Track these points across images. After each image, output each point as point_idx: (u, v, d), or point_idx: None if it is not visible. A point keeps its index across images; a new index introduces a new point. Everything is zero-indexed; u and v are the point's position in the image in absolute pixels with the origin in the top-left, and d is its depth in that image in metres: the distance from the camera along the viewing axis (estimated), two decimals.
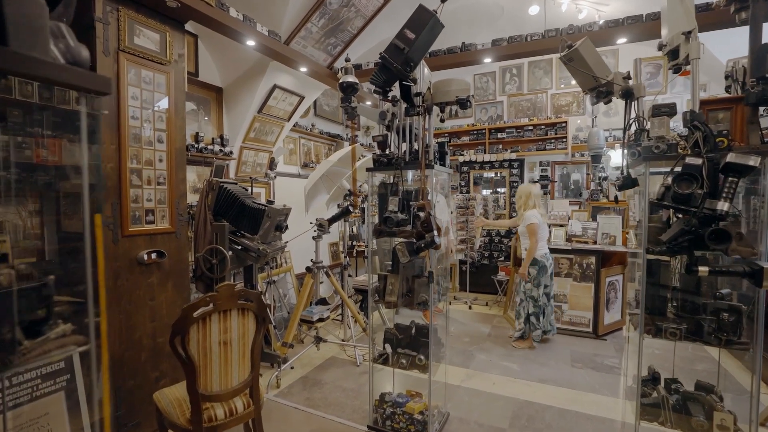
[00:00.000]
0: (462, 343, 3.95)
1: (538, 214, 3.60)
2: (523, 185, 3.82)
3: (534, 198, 3.67)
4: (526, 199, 3.67)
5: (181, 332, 1.68)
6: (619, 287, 4.23)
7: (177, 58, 2.49)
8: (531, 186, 3.75)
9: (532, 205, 3.65)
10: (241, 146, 3.81)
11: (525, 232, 3.63)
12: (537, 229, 3.53)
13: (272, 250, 3.03)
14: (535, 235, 3.54)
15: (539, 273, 3.61)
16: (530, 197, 3.66)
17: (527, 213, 3.61)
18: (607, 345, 3.89)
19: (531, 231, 3.55)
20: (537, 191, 3.72)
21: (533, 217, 3.55)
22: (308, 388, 3.08)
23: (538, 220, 3.55)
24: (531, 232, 3.55)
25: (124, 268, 2.21)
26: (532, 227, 3.53)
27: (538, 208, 3.65)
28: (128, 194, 2.22)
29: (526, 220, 3.58)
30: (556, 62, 5.58)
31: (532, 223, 3.53)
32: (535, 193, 3.69)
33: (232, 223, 3.07)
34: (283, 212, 3.09)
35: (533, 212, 3.59)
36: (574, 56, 2.01)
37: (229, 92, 3.69)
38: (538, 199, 3.69)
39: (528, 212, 3.61)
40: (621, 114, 5.26)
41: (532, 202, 3.65)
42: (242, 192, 3.19)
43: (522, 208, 3.70)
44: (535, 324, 3.70)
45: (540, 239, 3.58)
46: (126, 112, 2.18)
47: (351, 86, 2.44)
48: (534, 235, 3.54)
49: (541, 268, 3.62)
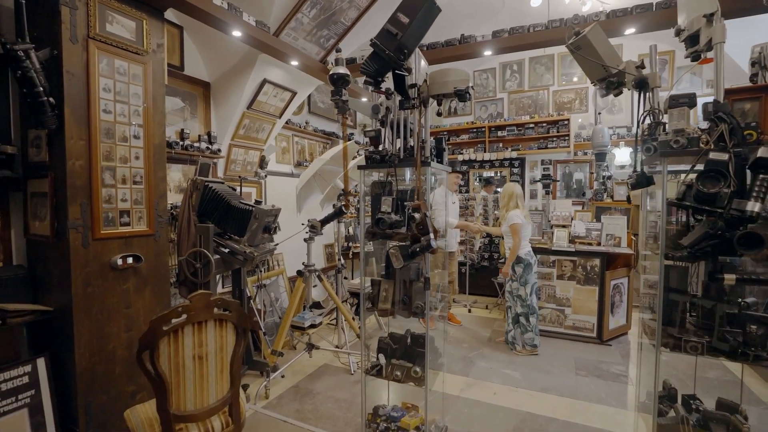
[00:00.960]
0: (461, 349, 3.79)
1: (520, 213, 3.56)
2: (506, 185, 3.79)
3: (516, 198, 3.63)
4: (508, 199, 3.66)
5: (150, 347, 1.52)
6: (624, 290, 4.07)
7: (155, 48, 2.33)
8: (513, 186, 3.72)
9: (514, 206, 3.62)
10: (230, 144, 3.65)
11: (508, 232, 3.61)
12: (519, 228, 3.51)
13: (260, 253, 2.87)
14: (517, 234, 3.51)
15: (525, 271, 3.55)
16: (512, 197, 3.64)
17: (510, 213, 3.59)
18: (612, 351, 3.73)
19: (514, 231, 3.53)
20: (519, 191, 3.69)
21: (516, 217, 3.53)
22: (299, 398, 2.92)
23: (520, 220, 3.53)
24: (514, 231, 3.53)
25: (95, 274, 2.05)
26: (515, 227, 3.52)
27: (521, 209, 3.61)
28: (100, 194, 2.05)
29: (508, 220, 3.58)
30: (558, 58, 5.43)
31: (515, 224, 3.52)
32: (517, 193, 3.66)
33: (218, 224, 2.91)
34: (272, 213, 2.92)
35: (516, 212, 3.57)
36: (582, 44, 1.85)
37: (217, 87, 3.53)
38: (521, 199, 3.66)
39: (510, 212, 3.59)
40: (625, 111, 5.11)
41: (514, 203, 3.63)
42: (229, 192, 3.02)
43: (504, 209, 3.69)
44: (525, 325, 3.59)
45: (523, 238, 3.55)
46: (97, 105, 2.02)
47: (342, 78, 2.27)
48: (516, 235, 3.51)
49: (526, 266, 3.56)
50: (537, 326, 3.64)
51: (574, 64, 5.37)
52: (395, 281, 2.21)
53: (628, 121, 5.00)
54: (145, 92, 2.26)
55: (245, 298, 3.33)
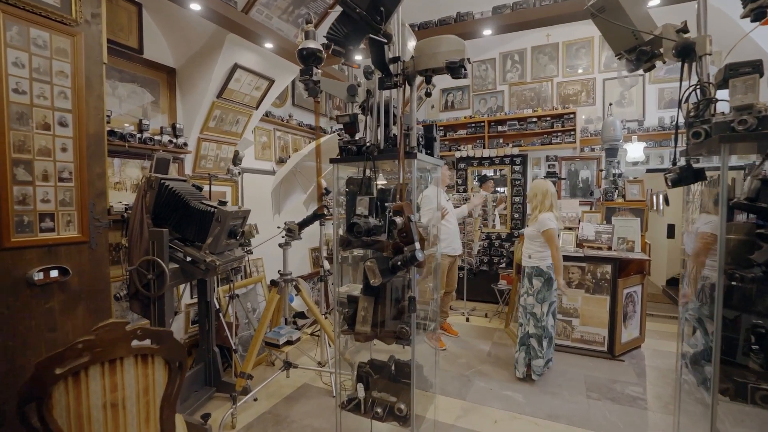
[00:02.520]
0: (457, 366, 3.41)
1: (554, 217, 3.01)
2: (539, 181, 3.16)
3: (551, 197, 3.05)
4: (542, 198, 3.04)
5: (36, 398, 1.13)
6: (637, 300, 3.69)
7: (89, 18, 1.94)
8: (547, 183, 3.10)
9: (548, 206, 3.03)
10: (199, 137, 3.26)
11: (536, 237, 3.03)
12: (554, 235, 2.96)
13: (224, 262, 2.48)
14: (554, 241, 2.95)
15: (544, 286, 3.02)
16: (547, 196, 3.03)
17: (543, 216, 2.99)
18: (625, 368, 3.36)
19: (549, 237, 2.95)
20: (554, 189, 3.10)
21: (549, 220, 2.95)
22: (271, 427, 2.54)
23: (555, 225, 2.98)
24: (549, 238, 2.95)
25: (4, 291, 1.66)
26: (550, 233, 2.94)
27: (555, 210, 3.05)
28: (9, 193, 1.66)
29: (540, 223, 2.97)
30: (563, 47, 5.05)
31: (550, 229, 2.94)
32: (552, 191, 3.07)
33: (176, 228, 2.53)
34: (239, 215, 2.54)
35: (550, 215, 2.99)
36: (608, 4, 1.47)
37: (184, 74, 3.14)
38: (555, 199, 3.07)
39: (544, 215, 3.00)
40: (636, 103, 4.71)
41: (549, 203, 3.03)
42: (190, 191, 2.64)
43: (537, 210, 3.07)
44: (536, 350, 3.06)
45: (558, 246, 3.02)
46: (4, 83, 1.63)
47: (312, 54, 1.88)
48: (553, 242, 2.95)
49: (546, 281, 3.03)
50: (550, 354, 3.13)
51: (580, 53, 5.00)
52: (377, 299, 1.83)
53: (639, 113, 4.62)
54: (74, 71, 1.87)
55: (212, 312, 2.95)
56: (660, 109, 4.54)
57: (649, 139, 4.38)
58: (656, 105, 4.57)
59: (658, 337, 4.03)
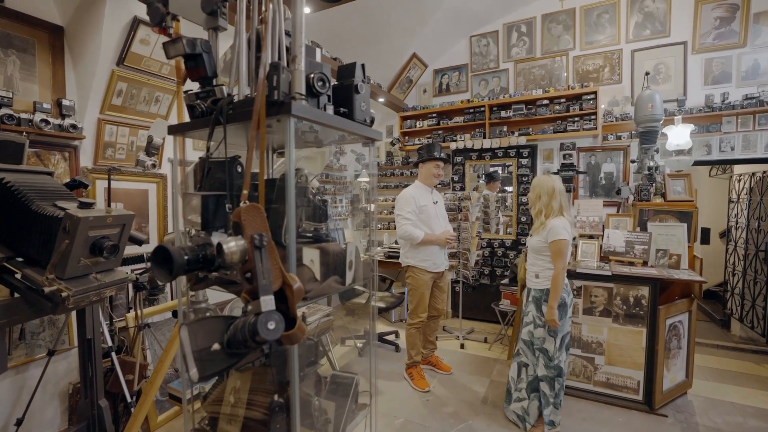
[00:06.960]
0: (441, 418, 2.57)
1: (568, 225, 2.20)
2: (543, 177, 2.34)
3: (560, 196, 2.23)
4: (549, 199, 2.25)
5: None
6: (683, 332, 2.79)
7: None
8: (554, 180, 2.29)
9: (558, 209, 2.23)
10: (100, 118, 2.50)
11: (544, 249, 2.25)
12: (565, 249, 2.16)
13: (82, 290, 1.70)
14: (563, 258, 2.16)
15: (558, 313, 2.21)
16: (554, 196, 2.24)
17: (552, 222, 2.20)
18: (670, 427, 2.46)
19: (557, 251, 2.17)
20: (562, 187, 2.27)
21: (563, 230, 2.17)
22: None
23: (569, 236, 2.18)
24: (557, 252, 2.17)
25: None
26: (560, 246, 2.16)
27: (566, 214, 2.24)
28: None
29: (551, 232, 2.19)
30: (581, 12, 4.14)
31: (562, 240, 2.15)
32: (559, 189, 2.25)
33: (13, 240, 1.76)
34: (107, 223, 1.75)
35: (563, 222, 2.20)
36: None
37: (73, 33, 2.37)
38: (565, 200, 2.23)
39: (554, 221, 2.21)
40: (675, 78, 3.75)
41: (558, 205, 2.23)
42: (40, 187, 1.86)
43: (543, 214, 2.27)
44: (548, 396, 2.28)
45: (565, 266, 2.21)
46: None
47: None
48: (561, 259, 2.16)
49: (560, 307, 2.22)
50: (562, 393, 2.32)
51: (602, 19, 4.08)
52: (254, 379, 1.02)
53: (680, 91, 3.68)
54: None
55: (96, 352, 2.17)
56: (707, 85, 3.60)
57: (692, 122, 3.45)
58: (701, 80, 3.63)
59: (708, 378, 3.11)
